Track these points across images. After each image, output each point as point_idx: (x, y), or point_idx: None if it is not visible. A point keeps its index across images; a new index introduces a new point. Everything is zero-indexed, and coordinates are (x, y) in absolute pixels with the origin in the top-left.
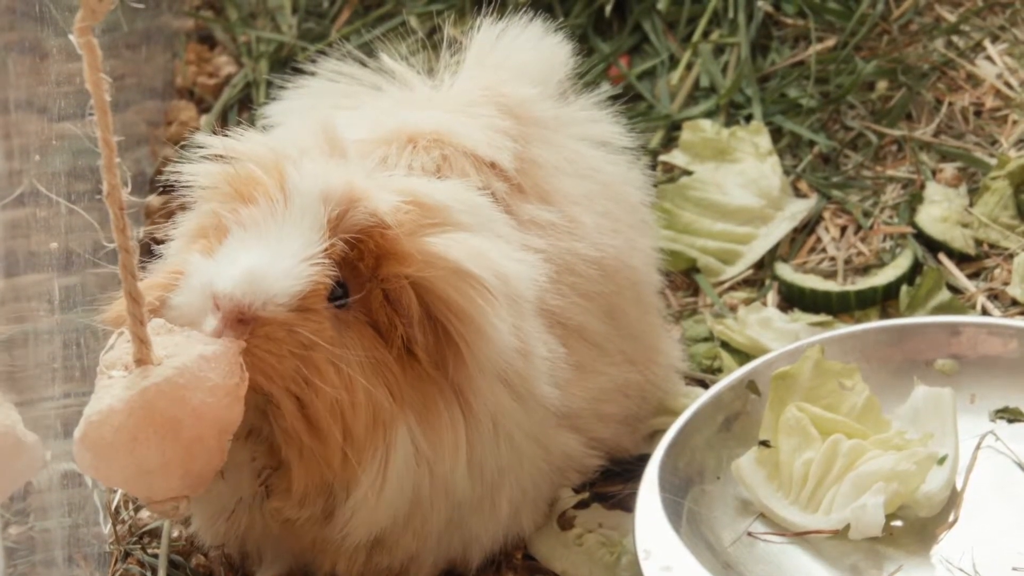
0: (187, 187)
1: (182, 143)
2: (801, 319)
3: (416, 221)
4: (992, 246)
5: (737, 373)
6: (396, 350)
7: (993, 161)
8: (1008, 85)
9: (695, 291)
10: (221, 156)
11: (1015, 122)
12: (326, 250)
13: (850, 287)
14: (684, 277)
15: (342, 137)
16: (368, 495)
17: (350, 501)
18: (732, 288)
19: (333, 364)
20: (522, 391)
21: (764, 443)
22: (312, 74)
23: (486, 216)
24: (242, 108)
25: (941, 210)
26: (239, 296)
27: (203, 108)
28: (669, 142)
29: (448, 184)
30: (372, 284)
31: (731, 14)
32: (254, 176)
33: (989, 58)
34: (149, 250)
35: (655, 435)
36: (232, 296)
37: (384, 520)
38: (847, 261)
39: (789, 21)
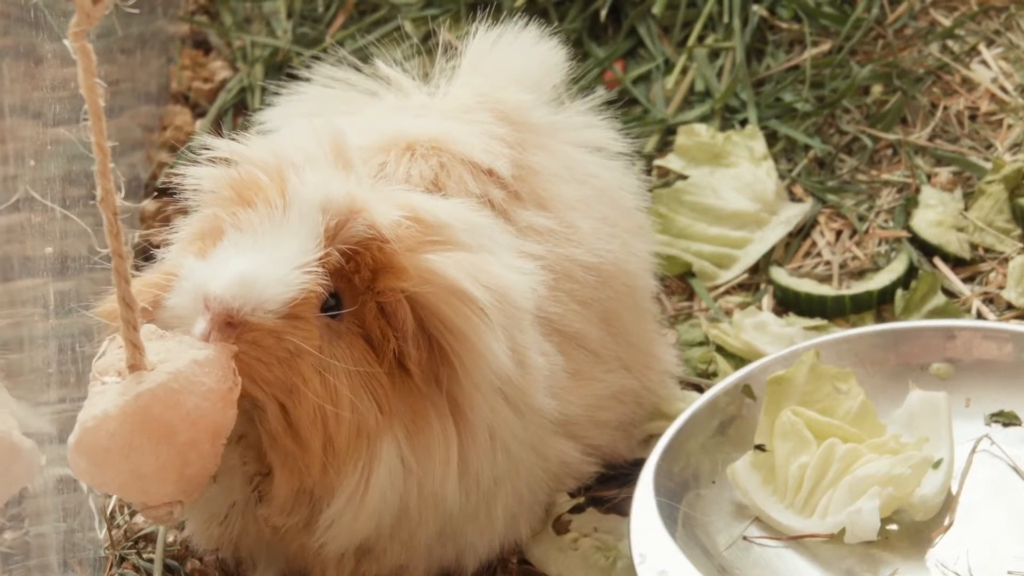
0: (190, 191)
1: (177, 148)
2: (796, 323)
3: (416, 237)
4: (987, 250)
5: (732, 377)
6: (387, 363)
7: (988, 165)
8: (1003, 89)
9: (690, 295)
10: (224, 159)
11: (1010, 126)
12: (321, 259)
13: (845, 291)
14: (679, 281)
15: (349, 146)
16: (348, 505)
17: (330, 510)
18: (727, 292)
19: (319, 373)
20: (519, 403)
21: (759, 447)
22: (307, 80)
23: (487, 236)
24: (237, 113)
25: (936, 214)
26: (229, 300)
27: (198, 113)
28: (664, 146)
29: (450, 202)
30: (367, 297)
31: (726, 18)
32: (256, 180)
33: (984, 62)
34: (144, 255)
35: (650, 440)
36: (222, 299)
37: (364, 531)
38: (842, 265)
39: (784, 25)
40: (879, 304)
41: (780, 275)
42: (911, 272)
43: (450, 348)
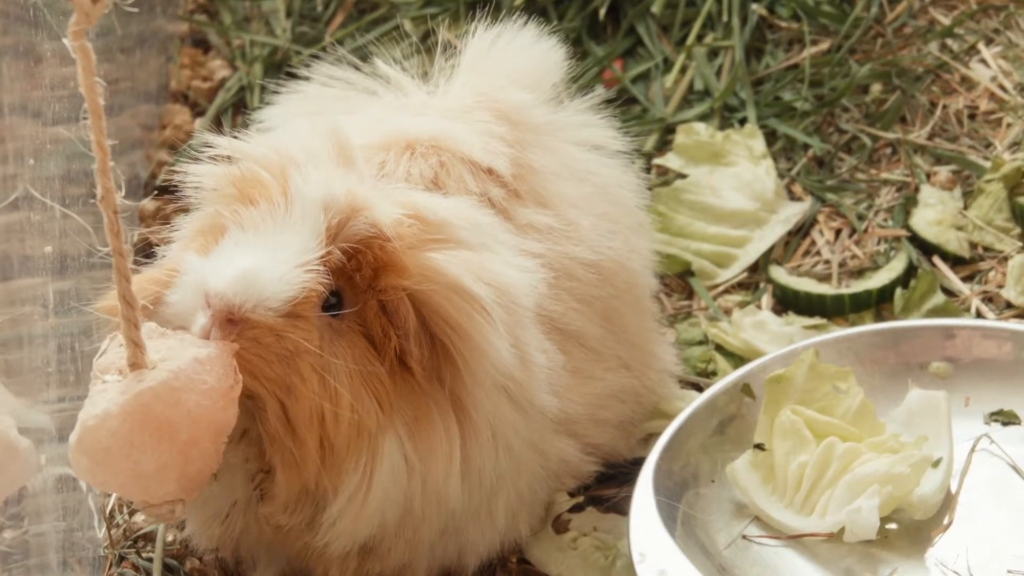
0: (192, 188)
1: (176, 147)
2: (795, 322)
3: (417, 236)
4: (986, 249)
5: (731, 376)
6: (389, 362)
7: (987, 164)
8: (1002, 88)
9: (689, 294)
10: (226, 157)
11: (1009, 125)
12: (322, 258)
13: (844, 290)
14: (679, 280)
15: (351, 145)
16: (351, 504)
17: (332, 508)
18: (726, 291)
19: (318, 372)
20: (521, 401)
21: (759, 446)
22: (306, 78)
23: (488, 234)
24: (236, 112)
25: (935, 213)
26: (230, 296)
27: (197, 112)
28: (663, 145)
29: (451, 201)
30: (368, 295)
31: (725, 17)
32: (258, 178)
33: (983, 61)
34: (144, 253)
35: (650, 439)
36: (223, 296)
37: (367, 530)
38: (841, 264)
39: (783, 24)
40: (878, 303)
41: (779, 274)
42: (910, 271)
43: (452, 345)
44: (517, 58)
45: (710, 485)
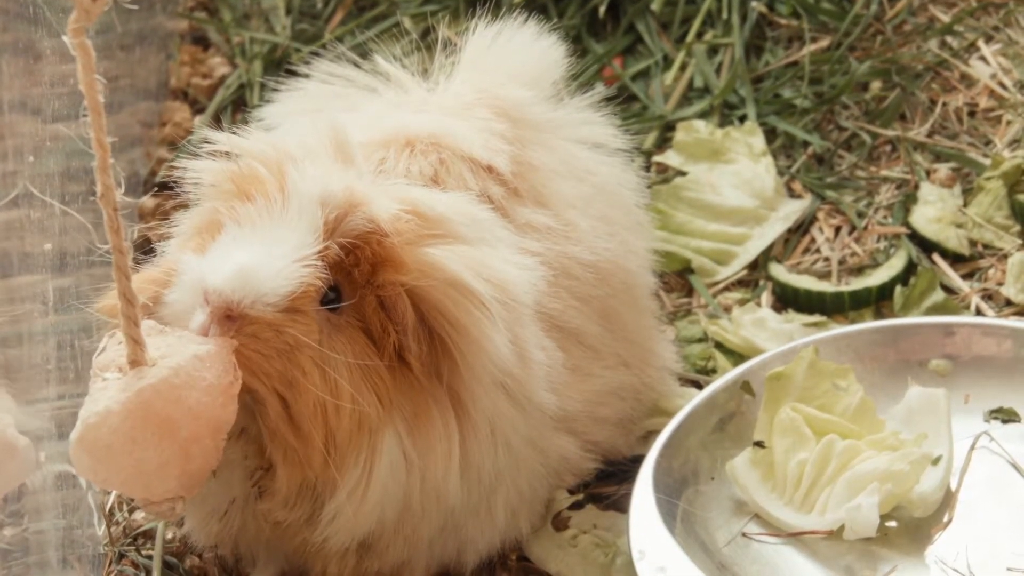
0: (191, 184)
1: (176, 144)
2: (795, 320)
3: (415, 231)
4: (986, 246)
5: (731, 374)
6: (388, 357)
7: (987, 161)
8: (1002, 85)
9: (689, 292)
10: (226, 153)
11: (1009, 122)
12: (320, 253)
13: (844, 288)
14: (678, 278)
15: (350, 141)
16: (350, 499)
17: (332, 504)
18: (726, 289)
19: (318, 366)
20: (520, 398)
21: (758, 444)
22: (306, 76)
23: (487, 230)
24: (236, 109)
25: (935, 210)
26: (228, 293)
27: (197, 109)
28: (663, 143)
29: (450, 196)
30: (367, 290)
31: (725, 15)
32: (256, 174)
33: (983, 58)
34: (144, 250)
35: (649, 436)
36: (222, 292)
37: (367, 525)
38: (841, 261)
39: (783, 21)
40: (878, 300)
41: (779, 271)
42: (910, 268)
43: (451, 341)
44: (517, 55)
45: (710, 482)
